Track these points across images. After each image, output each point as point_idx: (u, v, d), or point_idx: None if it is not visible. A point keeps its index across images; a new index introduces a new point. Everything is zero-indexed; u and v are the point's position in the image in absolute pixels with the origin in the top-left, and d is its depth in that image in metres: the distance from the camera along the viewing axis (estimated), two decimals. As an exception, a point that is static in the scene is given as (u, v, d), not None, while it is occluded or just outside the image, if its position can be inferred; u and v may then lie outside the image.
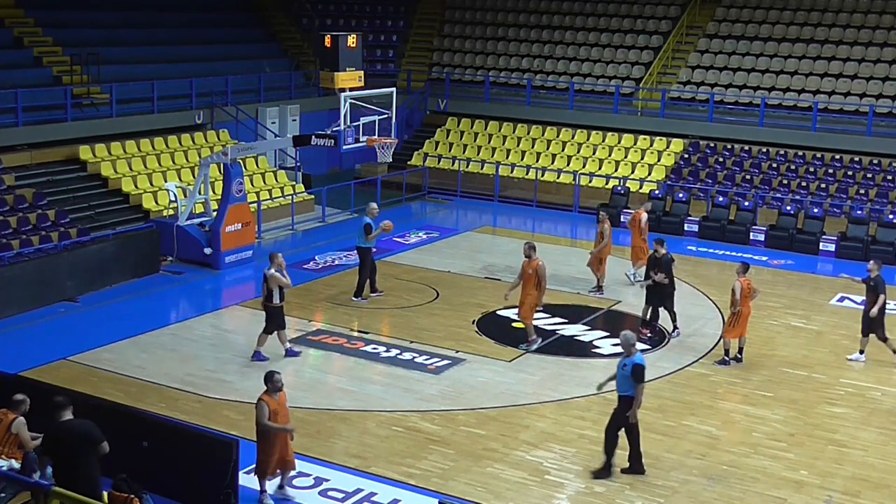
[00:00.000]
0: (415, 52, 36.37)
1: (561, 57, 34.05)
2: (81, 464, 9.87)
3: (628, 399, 12.68)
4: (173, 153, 26.58)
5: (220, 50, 31.91)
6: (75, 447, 9.87)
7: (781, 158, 28.86)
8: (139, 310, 19.12)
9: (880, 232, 24.59)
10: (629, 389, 12.66)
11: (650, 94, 31.62)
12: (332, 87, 21.66)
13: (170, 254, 21.81)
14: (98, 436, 9.96)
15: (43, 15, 27.45)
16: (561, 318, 19.04)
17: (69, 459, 9.89)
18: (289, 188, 27.48)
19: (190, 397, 14.97)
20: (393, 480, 12.61)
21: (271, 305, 16.40)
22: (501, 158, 30.99)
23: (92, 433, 9.97)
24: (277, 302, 16.40)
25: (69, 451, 9.90)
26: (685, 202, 27.05)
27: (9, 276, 18.78)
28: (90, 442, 9.91)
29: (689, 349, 17.65)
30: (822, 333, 18.80)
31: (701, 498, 12.46)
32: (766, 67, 31.25)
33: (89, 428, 10.02)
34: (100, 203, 24.01)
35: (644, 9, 34.44)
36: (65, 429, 10.08)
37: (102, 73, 26.36)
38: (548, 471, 13.04)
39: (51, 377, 14.67)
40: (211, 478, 11.52)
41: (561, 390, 15.68)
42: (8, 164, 23.10)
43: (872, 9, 31.64)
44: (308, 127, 29.06)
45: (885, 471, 13.35)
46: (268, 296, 16.35)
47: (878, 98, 29.29)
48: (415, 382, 15.84)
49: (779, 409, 15.23)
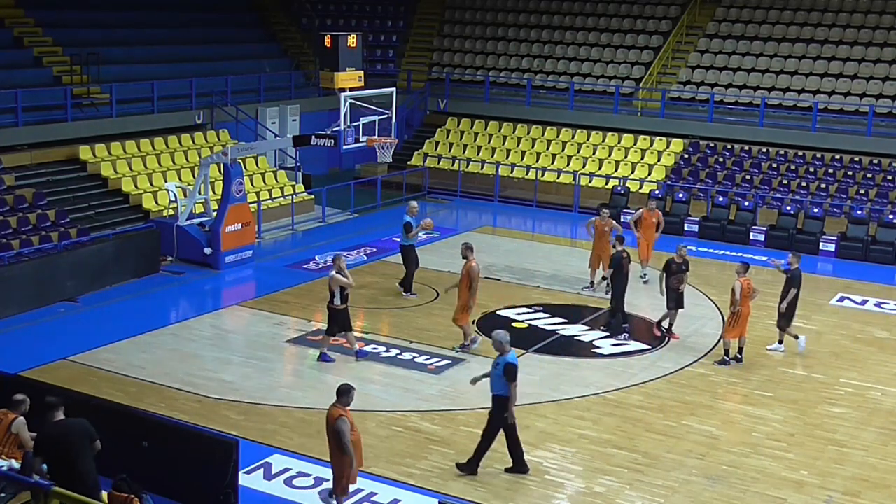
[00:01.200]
0: (415, 52, 36.37)
1: (561, 57, 34.05)
2: (79, 462, 9.89)
3: (501, 399, 12.54)
4: (173, 153, 26.58)
5: (220, 50, 31.90)
6: (72, 446, 9.89)
7: (781, 158, 28.86)
8: (139, 310, 19.12)
9: (880, 232, 24.60)
10: (502, 389, 12.52)
11: (650, 94, 31.62)
12: (332, 87, 21.66)
13: (170, 254, 21.81)
14: (93, 432, 10.06)
15: (43, 15, 27.45)
16: (561, 318, 19.04)
17: (65, 459, 9.89)
18: (289, 188, 27.48)
19: (190, 397, 14.97)
20: (393, 480, 12.61)
21: (333, 307, 16.33)
22: (501, 158, 31.00)
23: (88, 429, 10.07)
24: (339, 304, 16.28)
25: (65, 451, 9.91)
26: (685, 202, 27.06)
27: (9, 276, 18.78)
28: (88, 438, 9.99)
29: (689, 349, 17.65)
30: (822, 333, 18.79)
31: (701, 498, 12.46)
32: (766, 67, 31.25)
33: (85, 425, 10.11)
34: (100, 203, 24.01)
35: (644, 9, 34.44)
36: (59, 428, 10.12)
37: (102, 73, 26.35)
38: (547, 471, 13.04)
39: (51, 377, 14.66)
40: (211, 478, 11.51)
41: (561, 390, 15.68)
42: (8, 164, 23.10)
43: (872, 9, 31.64)
44: (308, 127, 29.06)
45: (885, 471, 13.35)
46: (331, 298, 16.32)
47: (878, 98, 29.28)
48: (415, 382, 15.85)
49: (779, 409, 15.23)
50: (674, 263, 17.99)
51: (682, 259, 18.05)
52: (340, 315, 16.35)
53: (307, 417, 14.23)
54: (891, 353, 17.75)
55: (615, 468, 13.12)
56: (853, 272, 23.15)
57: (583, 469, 13.14)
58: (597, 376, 16.34)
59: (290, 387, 15.77)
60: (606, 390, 15.74)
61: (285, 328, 18.21)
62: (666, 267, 18.12)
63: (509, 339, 12.75)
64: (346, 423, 11.02)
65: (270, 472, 12.77)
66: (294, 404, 14.83)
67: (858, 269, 23.50)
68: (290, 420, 14.28)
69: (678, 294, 17.99)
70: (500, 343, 12.69)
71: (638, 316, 19.02)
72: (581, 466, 13.21)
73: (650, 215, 21.54)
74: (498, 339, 12.73)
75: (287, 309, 19.26)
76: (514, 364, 12.49)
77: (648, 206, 21.83)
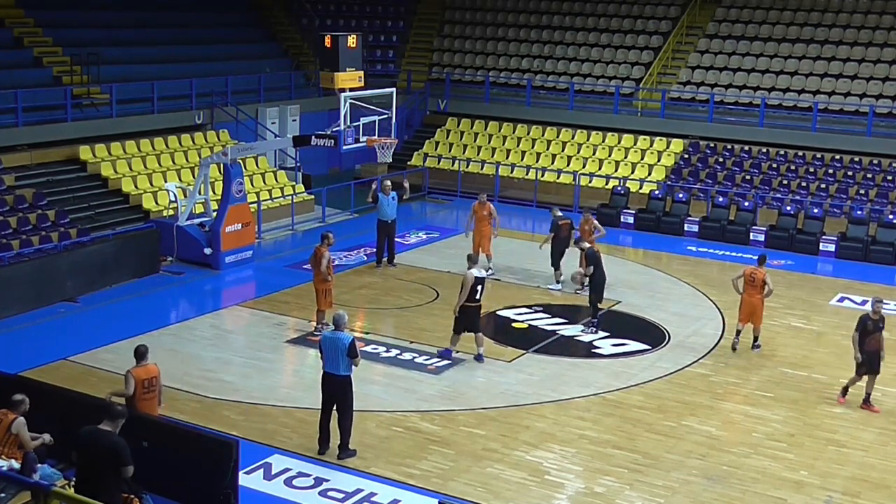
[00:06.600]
0: (415, 52, 36.37)
1: (561, 57, 34.05)
2: (103, 478, 9.66)
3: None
4: (173, 153, 26.58)
5: (220, 50, 31.90)
6: (98, 459, 9.67)
7: (781, 158, 28.86)
8: (139, 310, 19.11)
9: (880, 232, 24.59)
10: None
11: (650, 95, 31.62)
12: (332, 87, 21.67)
13: (170, 254, 21.80)
14: (125, 457, 9.63)
15: (43, 15, 27.44)
16: (561, 319, 19.04)
17: (91, 468, 9.74)
18: (289, 188, 27.48)
19: (190, 397, 14.96)
20: (393, 480, 12.61)
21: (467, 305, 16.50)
22: (501, 158, 31.00)
23: (119, 452, 9.63)
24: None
25: (91, 460, 9.71)
26: (685, 202, 27.06)
27: (9, 276, 18.77)
28: (114, 459, 9.62)
29: (689, 349, 17.65)
30: (822, 334, 18.80)
31: (701, 498, 12.46)
32: (766, 67, 31.25)
33: (118, 447, 9.67)
34: (100, 203, 24.00)
35: (644, 9, 34.43)
36: (89, 435, 9.81)
37: (102, 73, 26.34)
38: (547, 471, 13.04)
39: (51, 377, 14.66)
40: (211, 478, 11.50)
41: (561, 390, 15.68)
42: (8, 164, 23.09)
43: (872, 9, 31.64)
44: (308, 127, 29.06)
45: (885, 471, 13.35)
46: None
47: (878, 98, 29.29)
48: (415, 382, 15.84)
49: (779, 409, 15.23)
50: (870, 321, 15.27)
51: (878, 316, 15.29)
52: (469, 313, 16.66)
53: (307, 417, 14.21)
54: (891, 353, 17.73)
55: (615, 468, 13.12)
56: (853, 272, 23.15)
57: (583, 469, 13.14)
58: (597, 376, 16.34)
59: (290, 387, 15.78)
60: (606, 390, 15.74)
61: (285, 328, 18.21)
62: (861, 325, 15.33)
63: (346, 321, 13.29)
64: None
65: (270, 472, 12.77)
66: (294, 404, 14.83)
67: (858, 269, 23.49)
68: (290, 420, 14.28)
69: (874, 356, 15.25)
70: (341, 324, 13.15)
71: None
72: (581, 466, 13.21)
73: (481, 208, 21.88)
74: (339, 319, 13.19)
75: (287, 309, 19.27)
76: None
77: (480, 199, 22.14)
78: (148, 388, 12.17)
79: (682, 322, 19.00)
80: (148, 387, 12.17)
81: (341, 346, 12.86)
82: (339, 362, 12.92)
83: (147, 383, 12.17)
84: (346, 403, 13.12)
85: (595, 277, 18.44)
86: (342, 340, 12.90)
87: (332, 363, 12.97)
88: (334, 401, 13.11)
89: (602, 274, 18.52)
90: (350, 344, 12.86)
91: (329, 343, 13.00)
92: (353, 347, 12.89)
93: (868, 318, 15.25)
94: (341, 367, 12.94)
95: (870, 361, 15.17)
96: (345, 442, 13.16)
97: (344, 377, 12.99)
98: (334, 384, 13.02)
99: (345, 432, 13.15)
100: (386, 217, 22.14)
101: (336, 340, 12.93)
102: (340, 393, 13.05)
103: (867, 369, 15.21)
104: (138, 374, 12.16)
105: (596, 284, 18.45)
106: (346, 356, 12.87)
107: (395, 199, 22.33)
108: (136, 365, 12.23)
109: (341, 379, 12.98)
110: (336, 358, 12.92)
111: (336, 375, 12.97)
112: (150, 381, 12.22)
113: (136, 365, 12.23)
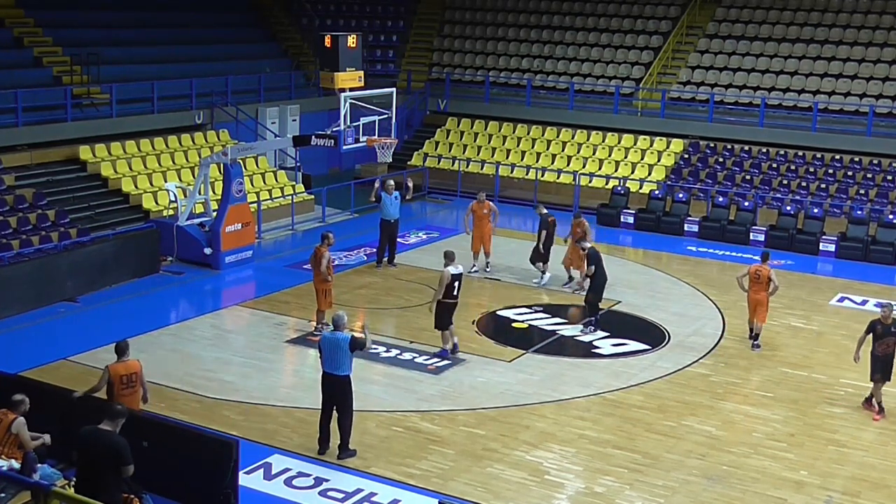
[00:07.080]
0: (415, 52, 36.37)
1: (561, 57, 34.04)
2: (103, 478, 9.67)
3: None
4: (173, 153, 26.58)
5: (220, 50, 31.90)
6: (98, 459, 9.68)
7: (781, 158, 28.86)
8: (139, 310, 19.11)
9: (880, 232, 24.59)
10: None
11: (650, 95, 31.62)
12: (332, 87, 21.67)
13: (170, 254, 21.80)
14: (125, 457, 9.66)
15: (43, 15, 27.43)
16: (561, 319, 19.05)
17: (91, 468, 9.74)
18: (289, 188, 27.48)
19: (190, 397, 14.97)
20: (393, 480, 12.61)
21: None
22: (501, 158, 30.99)
23: (119, 452, 9.65)
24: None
25: (92, 460, 9.72)
26: (685, 202, 27.05)
27: (9, 276, 18.76)
28: (114, 458, 9.63)
29: (689, 349, 17.65)
30: (822, 334, 18.80)
31: (701, 498, 12.46)
32: (766, 67, 31.24)
33: (118, 446, 9.69)
34: (100, 203, 24.00)
35: (644, 9, 34.43)
36: (95, 436, 9.80)
37: (102, 73, 26.33)
38: (547, 471, 13.04)
39: (51, 377, 14.66)
40: (211, 478, 11.51)
41: (561, 390, 15.68)
42: (8, 164, 23.09)
43: (872, 9, 31.63)
44: (308, 127, 29.05)
45: (885, 471, 13.35)
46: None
47: (878, 98, 29.28)
48: (415, 382, 15.84)
49: (779, 409, 15.23)
50: (880, 325, 15.01)
51: (889, 321, 14.95)
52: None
53: (307, 417, 14.21)
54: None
55: (615, 468, 13.12)
56: (853, 272, 23.15)
57: (583, 469, 13.14)
58: (597, 376, 16.34)
59: (290, 387, 15.78)
60: (606, 390, 15.74)
61: (285, 328, 18.21)
62: (870, 329, 15.15)
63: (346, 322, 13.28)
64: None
65: (270, 472, 12.77)
66: (294, 404, 14.83)
67: (858, 269, 23.49)
68: (290, 420, 14.28)
69: (887, 361, 15.01)
70: (341, 325, 13.15)
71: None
72: (581, 466, 13.21)
73: (480, 206, 21.84)
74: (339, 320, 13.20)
75: (287, 309, 19.27)
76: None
77: (478, 198, 22.07)
78: (127, 383, 12.14)
79: (683, 322, 18.99)
80: (127, 382, 12.14)
81: (341, 345, 12.86)
82: (338, 362, 12.92)
83: (126, 379, 12.14)
84: (346, 403, 13.12)
85: (596, 278, 18.44)
86: (341, 340, 12.91)
87: (331, 363, 12.97)
88: (334, 401, 13.12)
89: (603, 274, 18.50)
90: (350, 340, 12.87)
91: (329, 343, 13.00)
92: (354, 340, 12.92)
93: (878, 322, 15.01)
94: (341, 368, 12.95)
95: (883, 366, 14.97)
96: (345, 442, 13.16)
97: (344, 377, 13.00)
98: (334, 384, 13.02)
99: (345, 432, 13.16)
100: (389, 216, 22.16)
101: (336, 341, 12.94)
102: (340, 393, 13.05)
103: (881, 375, 15.00)
104: (116, 370, 12.15)
105: (596, 285, 18.45)
106: (350, 351, 12.88)
107: (398, 199, 22.33)
108: (115, 360, 12.21)
109: (341, 379, 12.99)
110: (336, 358, 12.92)
111: (336, 376, 12.98)
112: (130, 376, 12.19)
113: (116, 361, 12.21)
